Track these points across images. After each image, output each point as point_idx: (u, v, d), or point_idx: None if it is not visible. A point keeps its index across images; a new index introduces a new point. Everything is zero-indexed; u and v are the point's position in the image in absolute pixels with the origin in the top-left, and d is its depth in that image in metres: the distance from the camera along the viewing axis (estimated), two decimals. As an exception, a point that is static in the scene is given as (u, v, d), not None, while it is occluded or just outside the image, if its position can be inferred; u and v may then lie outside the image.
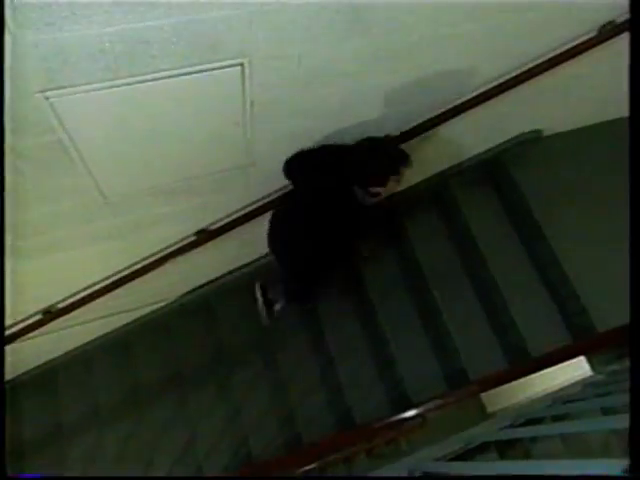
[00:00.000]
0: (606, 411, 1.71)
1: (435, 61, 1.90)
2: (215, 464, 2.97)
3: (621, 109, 2.77)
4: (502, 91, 2.15)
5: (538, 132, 2.89)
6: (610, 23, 1.98)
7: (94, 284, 2.55)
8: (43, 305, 2.55)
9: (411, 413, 2.52)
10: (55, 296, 2.55)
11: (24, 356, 3.08)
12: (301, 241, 2.24)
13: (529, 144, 2.90)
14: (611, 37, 1.99)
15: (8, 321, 2.44)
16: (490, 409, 3.56)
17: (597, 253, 2.64)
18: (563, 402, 2.03)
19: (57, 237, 2.05)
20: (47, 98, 1.40)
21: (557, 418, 1.82)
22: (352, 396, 2.89)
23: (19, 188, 1.67)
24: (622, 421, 1.38)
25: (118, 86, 1.45)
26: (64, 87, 1.39)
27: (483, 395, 3.26)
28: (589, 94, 2.60)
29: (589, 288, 2.61)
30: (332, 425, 2.90)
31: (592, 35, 2.00)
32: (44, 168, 1.64)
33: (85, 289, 2.55)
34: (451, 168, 2.98)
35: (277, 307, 2.97)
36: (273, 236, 2.35)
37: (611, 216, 2.66)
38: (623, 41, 1.98)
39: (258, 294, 2.95)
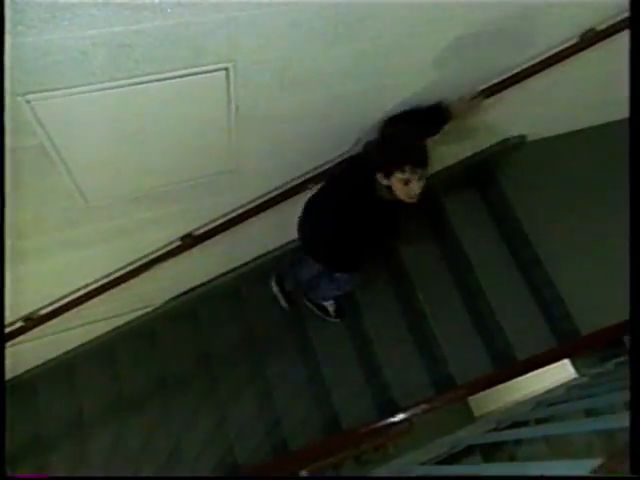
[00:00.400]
0: (589, 413, 1.73)
1: (420, 67, 1.91)
2: (201, 471, 2.94)
3: (605, 115, 2.83)
4: (487, 97, 2.18)
5: (523, 137, 2.93)
6: (591, 30, 2.01)
7: (77, 290, 2.52)
8: (24, 312, 2.51)
9: (398, 418, 2.52)
10: (37, 302, 2.51)
11: (5, 364, 3.02)
12: (325, 226, 2.14)
13: (514, 149, 2.94)
14: (592, 44, 2.02)
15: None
16: (477, 413, 3.58)
17: (581, 257, 2.68)
18: (547, 405, 2.04)
19: (38, 242, 2.01)
20: (28, 101, 1.38)
21: (541, 421, 1.84)
22: (339, 402, 2.88)
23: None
24: (605, 422, 1.40)
25: (101, 90, 1.43)
26: (45, 90, 1.37)
27: (471, 399, 3.27)
28: (572, 100, 2.64)
29: (573, 292, 2.64)
30: (319, 431, 2.89)
31: (574, 42, 2.04)
32: (25, 172, 1.61)
33: (68, 295, 2.52)
34: (437, 173, 3.00)
35: (329, 307, 3.00)
36: (305, 218, 2.25)
37: (595, 220, 2.72)
38: (605, 48, 2.02)
39: (275, 288, 3.01)
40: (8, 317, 2.47)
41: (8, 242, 1.88)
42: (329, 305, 3.00)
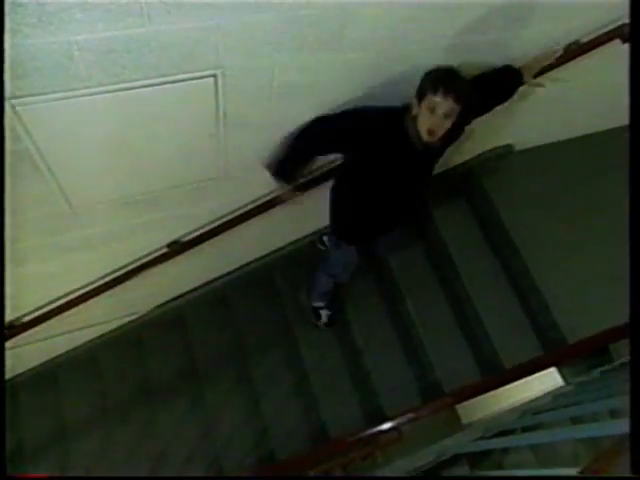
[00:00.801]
0: (575, 421, 1.74)
1: (411, 74, 1.92)
2: (187, 480, 2.91)
3: (592, 125, 2.88)
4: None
5: (510, 147, 2.96)
6: (575, 43, 2.04)
7: (62, 296, 2.48)
8: (7, 319, 2.46)
9: (385, 426, 2.50)
10: (20, 309, 2.47)
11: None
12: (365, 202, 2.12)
13: (501, 158, 2.97)
14: (576, 56, 2.05)
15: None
16: (465, 420, 3.58)
17: (568, 265, 2.70)
18: (533, 413, 2.05)
19: (22, 248, 1.98)
20: (13, 106, 1.37)
21: (527, 429, 1.84)
22: (327, 410, 2.86)
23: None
24: (590, 430, 1.40)
25: (88, 95, 1.43)
26: (31, 95, 1.36)
27: (459, 406, 3.27)
28: (560, 110, 2.67)
29: (560, 299, 2.66)
30: (306, 440, 2.86)
31: (558, 54, 2.07)
32: (9, 177, 1.59)
33: (52, 302, 2.48)
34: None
35: (323, 315, 3.01)
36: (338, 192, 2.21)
37: (582, 229, 2.75)
38: (589, 60, 2.06)
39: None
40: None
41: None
42: (324, 313, 3.00)
